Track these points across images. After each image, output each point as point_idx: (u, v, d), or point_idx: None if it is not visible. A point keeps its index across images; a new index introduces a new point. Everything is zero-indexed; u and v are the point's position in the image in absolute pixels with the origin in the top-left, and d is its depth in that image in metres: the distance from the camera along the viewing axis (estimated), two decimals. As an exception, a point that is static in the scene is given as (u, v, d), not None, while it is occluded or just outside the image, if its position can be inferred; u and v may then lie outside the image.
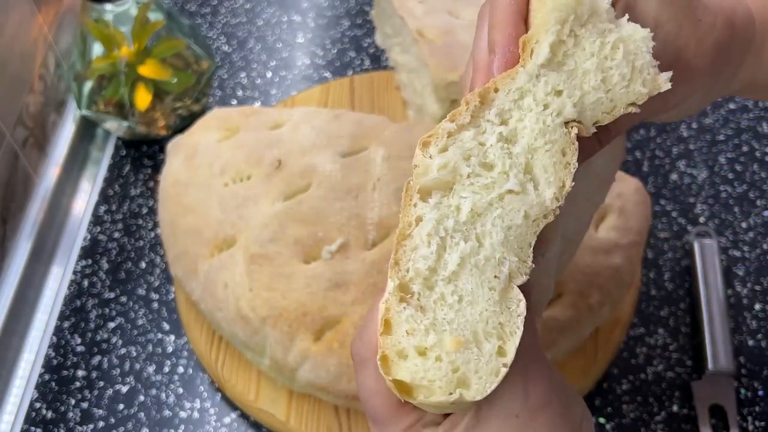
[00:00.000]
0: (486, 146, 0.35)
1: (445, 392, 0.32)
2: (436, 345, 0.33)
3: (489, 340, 0.33)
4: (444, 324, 0.33)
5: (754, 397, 0.65)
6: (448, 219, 0.34)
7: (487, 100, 0.35)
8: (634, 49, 0.35)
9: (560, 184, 0.34)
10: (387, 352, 0.33)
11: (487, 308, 0.33)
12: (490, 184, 0.34)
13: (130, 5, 0.75)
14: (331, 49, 0.92)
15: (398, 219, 0.35)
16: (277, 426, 0.63)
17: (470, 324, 0.33)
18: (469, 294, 0.33)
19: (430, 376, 0.33)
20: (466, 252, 0.34)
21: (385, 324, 0.33)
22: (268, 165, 0.65)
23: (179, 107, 0.80)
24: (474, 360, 0.33)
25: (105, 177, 0.81)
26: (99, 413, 0.65)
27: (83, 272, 0.74)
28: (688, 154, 0.82)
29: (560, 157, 0.34)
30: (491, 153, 0.34)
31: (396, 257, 0.34)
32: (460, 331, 0.33)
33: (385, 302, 0.33)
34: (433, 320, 0.33)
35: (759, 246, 0.75)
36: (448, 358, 0.33)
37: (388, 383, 0.33)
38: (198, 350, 0.67)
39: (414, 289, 0.33)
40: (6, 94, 0.71)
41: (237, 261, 0.61)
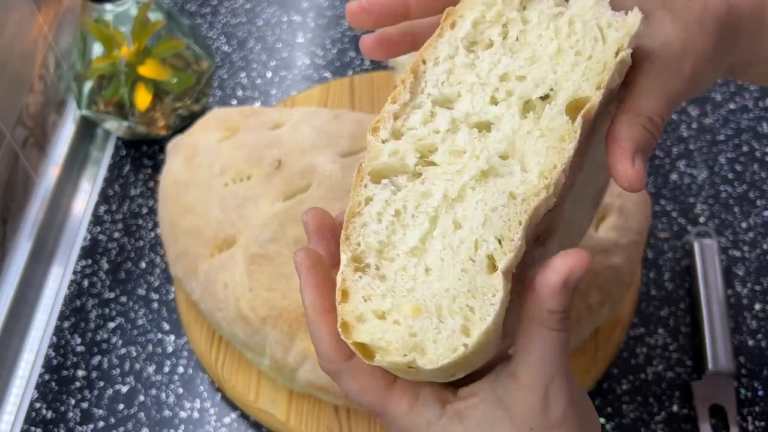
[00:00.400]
0: (440, 133, 0.35)
1: (400, 353, 0.33)
2: (394, 309, 0.34)
3: (453, 318, 0.33)
4: (404, 291, 0.34)
5: (754, 397, 0.65)
6: (407, 201, 0.35)
7: (418, 73, 0.36)
8: (592, 15, 0.35)
9: (551, 166, 0.34)
10: (346, 318, 0.34)
11: (455, 287, 0.34)
12: (461, 170, 0.35)
13: (130, 5, 0.75)
14: (331, 49, 0.92)
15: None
16: (277, 426, 0.63)
17: (435, 297, 0.34)
18: (439, 270, 0.34)
19: (388, 337, 0.34)
20: (433, 232, 0.34)
21: (342, 294, 0.34)
22: (268, 165, 0.65)
23: (179, 107, 0.80)
24: (433, 330, 0.33)
25: (105, 177, 0.81)
26: (99, 413, 0.65)
27: (83, 272, 0.74)
28: (688, 154, 0.82)
29: (556, 143, 0.34)
30: (460, 139, 0.35)
31: (346, 233, 0.35)
32: (422, 301, 0.34)
33: (341, 273, 0.35)
34: (392, 288, 0.34)
35: (759, 246, 0.75)
36: (405, 322, 0.33)
37: (350, 347, 0.34)
38: (198, 350, 0.67)
39: (369, 261, 0.35)
40: (6, 94, 0.71)
41: (237, 261, 0.61)
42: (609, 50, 0.35)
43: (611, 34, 0.35)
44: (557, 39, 0.36)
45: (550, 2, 0.36)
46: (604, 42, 0.35)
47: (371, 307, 0.34)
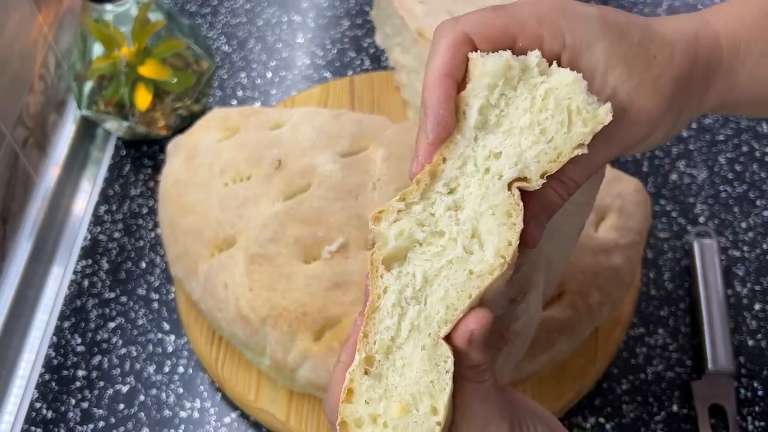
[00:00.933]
0: (436, 215, 0.36)
1: None
2: (385, 412, 0.35)
3: (422, 400, 0.35)
4: (392, 390, 0.35)
5: (754, 397, 0.65)
6: (407, 288, 0.36)
7: (436, 173, 0.36)
8: (567, 93, 0.35)
9: (505, 243, 0.35)
10: (347, 419, 0.36)
11: (419, 368, 0.35)
12: (440, 252, 0.36)
13: (131, 5, 0.75)
14: (331, 49, 0.92)
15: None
16: (277, 426, 0.63)
17: (409, 387, 0.35)
18: (409, 357, 0.35)
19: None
20: (414, 317, 0.36)
21: (347, 393, 0.36)
22: (268, 165, 0.65)
23: (179, 107, 0.80)
24: (413, 423, 0.35)
25: (105, 177, 0.81)
26: (99, 413, 0.65)
27: (83, 272, 0.74)
28: (688, 154, 0.82)
29: (505, 219, 0.35)
30: (441, 222, 0.36)
31: (365, 330, 0.36)
32: (403, 396, 0.35)
33: (351, 372, 0.36)
34: (386, 388, 0.36)
35: (759, 246, 0.75)
36: (392, 423, 0.35)
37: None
38: (198, 350, 0.67)
39: (377, 358, 0.36)
40: (6, 94, 0.71)
41: (237, 261, 0.61)
42: (570, 142, 0.35)
43: (577, 126, 0.35)
44: (530, 113, 0.36)
45: (535, 71, 0.36)
46: (568, 131, 0.35)
47: (370, 410, 0.36)
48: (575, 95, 0.35)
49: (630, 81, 0.37)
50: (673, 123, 0.40)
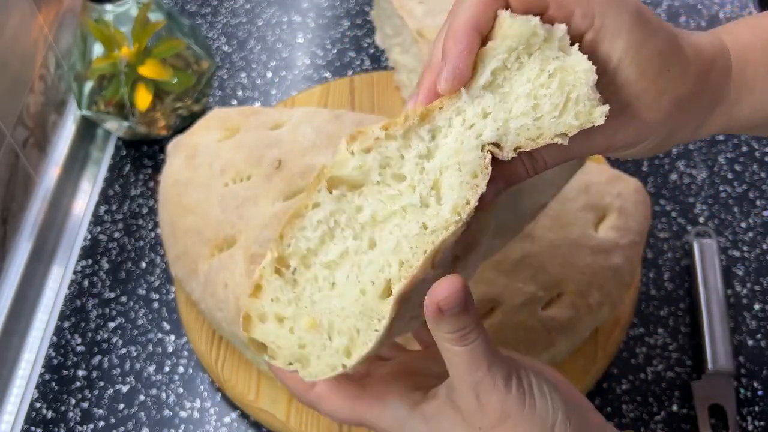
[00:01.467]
0: (405, 158, 0.36)
1: (285, 362, 0.36)
2: (293, 319, 0.36)
3: (340, 337, 0.35)
4: (308, 302, 0.36)
5: (754, 397, 0.65)
6: (343, 213, 0.36)
7: (427, 118, 0.36)
8: (573, 80, 0.34)
9: (464, 201, 0.34)
10: (251, 312, 0.36)
11: (350, 307, 0.35)
12: (396, 196, 0.35)
13: (131, 5, 0.75)
14: (331, 49, 0.92)
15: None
16: (277, 426, 0.63)
17: (331, 313, 0.35)
18: (342, 286, 0.35)
19: (279, 342, 0.36)
20: (352, 248, 0.35)
21: (255, 288, 0.36)
22: (268, 165, 0.65)
23: (179, 107, 0.80)
24: (320, 346, 0.35)
25: (105, 177, 0.81)
26: (99, 413, 0.65)
27: (83, 272, 0.74)
28: (687, 154, 0.82)
29: (470, 178, 0.35)
30: (406, 166, 0.36)
31: (282, 231, 0.36)
32: (319, 316, 0.35)
33: (261, 269, 0.36)
34: (299, 296, 0.36)
35: (759, 246, 0.75)
36: (299, 333, 0.36)
37: (245, 337, 0.37)
38: (198, 350, 0.67)
39: (291, 263, 0.36)
40: (6, 94, 0.71)
41: (237, 261, 0.61)
42: (555, 128, 0.34)
43: (569, 116, 0.34)
44: (532, 84, 0.35)
45: (555, 45, 0.35)
46: (558, 116, 0.34)
47: (275, 309, 0.36)
48: (580, 85, 0.34)
49: (637, 85, 0.36)
50: (663, 140, 0.39)
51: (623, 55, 0.36)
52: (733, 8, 0.97)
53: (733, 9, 0.97)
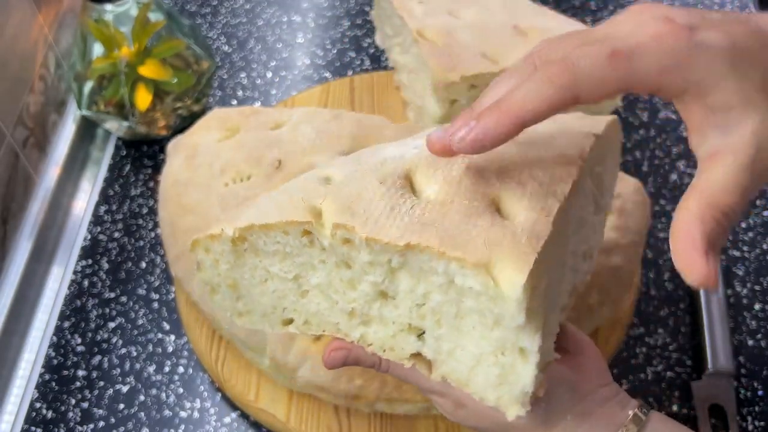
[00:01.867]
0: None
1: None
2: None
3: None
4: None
5: (754, 397, 0.65)
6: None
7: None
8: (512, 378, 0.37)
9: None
10: None
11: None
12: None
13: (131, 5, 0.75)
14: (331, 49, 0.92)
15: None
16: (277, 426, 0.63)
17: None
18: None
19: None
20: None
21: None
22: (268, 165, 0.65)
23: (179, 107, 0.80)
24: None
25: (105, 177, 0.81)
26: (99, 413, 0.65)
27: (83, 272, 0.74)
28: (688, 154, 0.82)
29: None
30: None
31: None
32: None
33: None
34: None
35: (759, 246, 0.75)
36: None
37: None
38: (198, 350, 0.67)
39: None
40: (6, 94, 0.71)
41: (237, 261, 0.61)
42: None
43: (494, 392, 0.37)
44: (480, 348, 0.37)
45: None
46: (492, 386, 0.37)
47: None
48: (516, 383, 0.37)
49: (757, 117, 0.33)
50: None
51: (738, 97, 0.32)
52: (733, 8, 0.97)
53: (733, 9, 0.97)
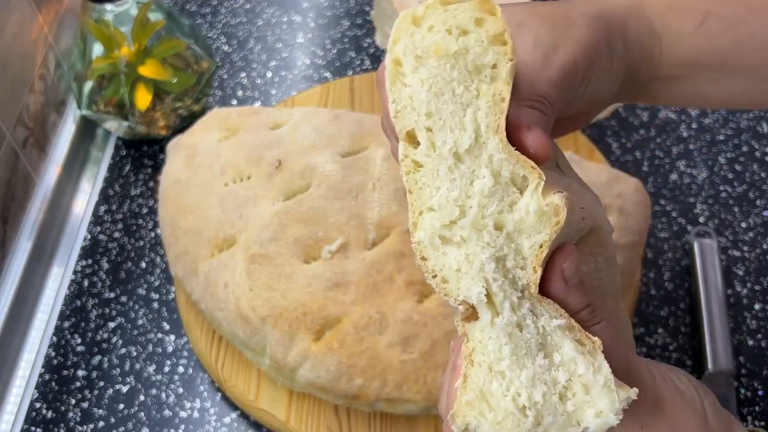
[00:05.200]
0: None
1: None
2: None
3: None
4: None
5: (754, 397, 0.65)
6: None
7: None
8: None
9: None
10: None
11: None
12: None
13: (131, 5, 0.75)
14: (331, 49, 0.92)
15: (398, 218, 0.36)
16: (277, 426, 0.63)
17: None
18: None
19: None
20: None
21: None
22: (268, 165, 0.65)
23: (179, 107, 0.80)
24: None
25: (105, 177, 0.81)
26: (99, 413, 0.65)
27: (83, 272, 0.74)
28: (688, 154, 0.82)
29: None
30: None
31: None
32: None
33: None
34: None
35: (759, 246, 0.75)
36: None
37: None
38: (198, 350, 0.67)
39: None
40: (6, 94, 0.71)
41: (237, 261, 0.61)
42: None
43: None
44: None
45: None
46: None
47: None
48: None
49: (545, 23, 0.38)
50: (610, 56, 0.40)
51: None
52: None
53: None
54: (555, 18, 0.39)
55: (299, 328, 0.58)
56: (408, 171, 0.35)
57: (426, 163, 0.34)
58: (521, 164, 0.33)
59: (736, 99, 0.46)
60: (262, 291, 0.60)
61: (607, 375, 0.32)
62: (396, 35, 0.35)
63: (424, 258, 0.34)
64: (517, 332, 0.33)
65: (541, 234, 0.33)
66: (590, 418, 0.32)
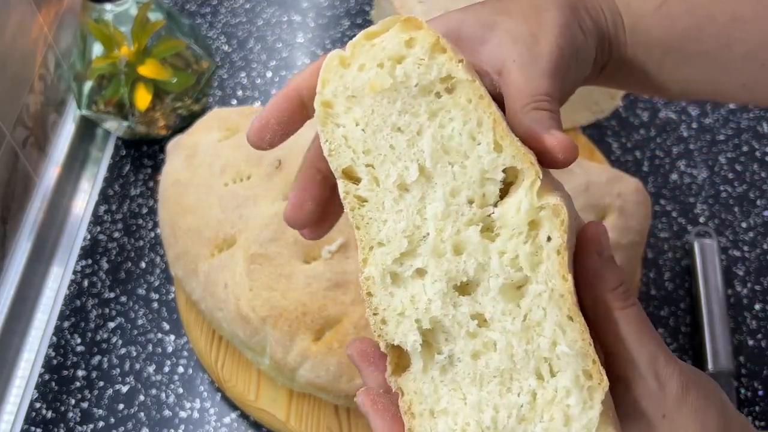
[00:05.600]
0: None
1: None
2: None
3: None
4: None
5: (754, 397, 0.65)
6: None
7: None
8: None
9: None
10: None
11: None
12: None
13: (130, 5, 0.75)
14: (331, 49, 0.92)
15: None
16: (277, 426, 0.63)
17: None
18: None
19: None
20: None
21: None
22: (268, 165, 0.65)
23: (179, 107, 0.80)
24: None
25: (105, 177, 0.81)
26: (99, 413, 0.65)
27: (83, 272, 0.74)
28: (688, 154, 0.82)
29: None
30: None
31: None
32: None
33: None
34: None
35: (759, 246, 0.75)
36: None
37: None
38: (198, 350, 0.67)
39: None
40: (6, 94, 0.71)
41: (237, 261, 0.61)
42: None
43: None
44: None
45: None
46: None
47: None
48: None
49: (516, 18, 0.38)
50: (587, 38, 0.40)
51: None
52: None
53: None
54: (522, 9, 0.38)
55: (299, 328, 0.58)
56: (352, 207, 0.33)
57: (370, 197, 0.33)
58: (520, 158, 0.31)
59: (699, 88, 0.45)
60: (262, 291, 0.60)
61: (594, 417, 0.30)
62: (324, 76, 0.34)
63: (370, 294, 0.33)
64: (454, 363, 0.32)
65: (553, 240, 0.31)
66: None
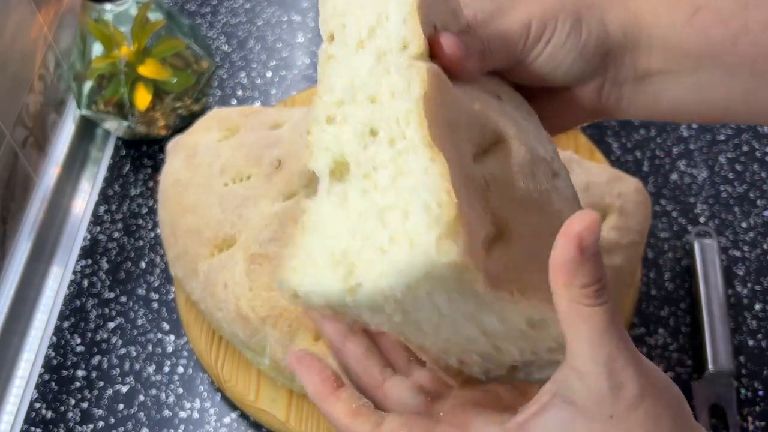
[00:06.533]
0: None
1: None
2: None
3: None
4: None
5: (754, 397, 0.65)
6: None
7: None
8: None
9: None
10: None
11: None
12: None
13: (130, 5, 0.75)
14: (331, 49, 0.92)
15: None
16: (277, 426, 0.63)
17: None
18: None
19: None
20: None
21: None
22: (268, 165, 0.65)
23: (179, 107, 0.80)
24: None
25: (105, 177, 0.81)
26: (99, 413, 0.65)
27: (83, 272, 0.74)
28: (688, 154, 0.82)
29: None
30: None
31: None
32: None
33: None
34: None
35: (759, 246, 0.74)
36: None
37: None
38: (198, 350, 0.67)
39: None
40: (6, 94, 0.71)
41: (237, 261, 0.61)
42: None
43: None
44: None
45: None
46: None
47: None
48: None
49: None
50: (578, 29, 0.41)
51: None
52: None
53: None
54: None
55: (299, 328, 0.58)
56: (323, 63, 0.39)
57: (335, 53, 0.39)
58: (417, 36, 0.36)
59: (737, 106, 0.44)
60: (262, 291, 0.60)
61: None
62: None
63: (308, 132, 0.37)
64: (357, 198, 0.34)
65: (413, 90, 0.34)
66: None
